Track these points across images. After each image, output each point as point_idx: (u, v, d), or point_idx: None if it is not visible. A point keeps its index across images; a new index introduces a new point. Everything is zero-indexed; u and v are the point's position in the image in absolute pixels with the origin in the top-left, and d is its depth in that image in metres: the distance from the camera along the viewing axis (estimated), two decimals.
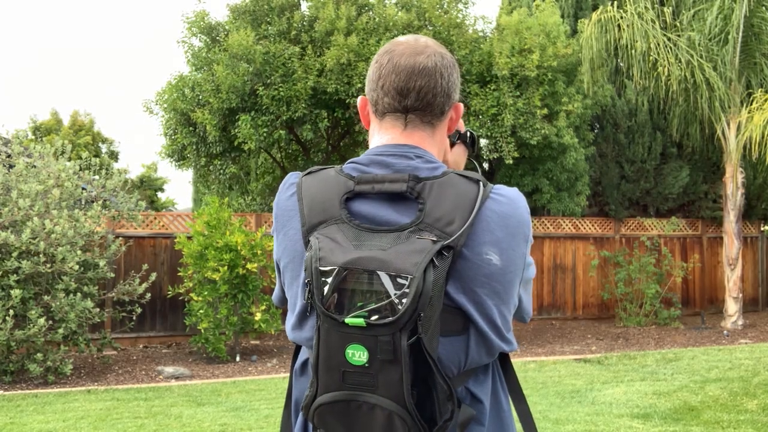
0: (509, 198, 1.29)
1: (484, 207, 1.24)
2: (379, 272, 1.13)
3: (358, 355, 1.14)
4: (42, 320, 7.44)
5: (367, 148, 1.40)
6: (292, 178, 1.37)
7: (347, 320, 1.13)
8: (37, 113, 42.83)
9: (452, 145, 1.53)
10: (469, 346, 1.24)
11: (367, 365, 1.14)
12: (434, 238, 1.18)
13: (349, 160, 1.35)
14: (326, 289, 1.15)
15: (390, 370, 1.13)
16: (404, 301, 1.10)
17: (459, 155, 1.53)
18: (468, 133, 1.54)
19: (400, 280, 1.12)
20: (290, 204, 1.33)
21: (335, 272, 1.14)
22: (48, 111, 39.02)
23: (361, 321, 1.12)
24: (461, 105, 1.42)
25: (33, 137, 24.45)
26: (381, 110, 1.37)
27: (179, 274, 9.45)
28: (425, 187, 1.24)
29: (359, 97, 1.44)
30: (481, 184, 1.26)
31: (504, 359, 1.38)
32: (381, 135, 1.37)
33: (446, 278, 1.18)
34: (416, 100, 1.33)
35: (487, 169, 12.70)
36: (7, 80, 59.27)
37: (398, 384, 1.13)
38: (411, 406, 1.14)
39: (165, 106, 11.18)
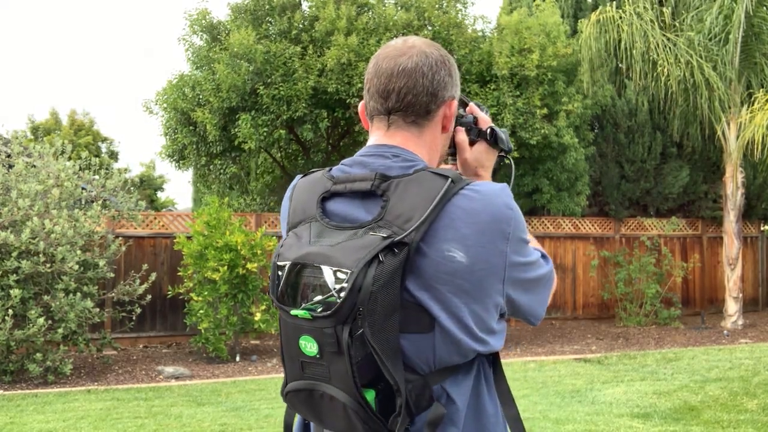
0: (483, 194, 1.25)
1: (450, 203, 1.23)
2: (322, 267, 1.17)
3: (309, 346, 1.19)
4: (42, 320, 7.44)
5: None
6: (295, 180, 1.43)
7: (293, 312, 1.19)
8: (35, 113, 42.77)
9: (472, 143, 1.51)
10: (436, 344, 1.24)
11: (318, 356, 1.19)
12: (384, 235, 1.18)
13: (341, 162, 1.39)
14: (281, 282, 1.22)
15: (338, 362, 1.17)
16: (342, 295, 1.14)
17: (481, 153, 1.51)
18: (489, 130, 1.51)
19: (340, 275, 1.15)
20: (286, 205, 1.41)
21: (287, 267, 1.22)
22: (47, 111, 39.05)
23: (305, 313, 1.17)
24: (455, 102, 1.40)
25: (32, 137, 24.44)
26: (369, 113, 1.40)
27: (179, 274, 9.44)
28: (391, 185, 1.25)
29: (360, 102, 1.46)
30: (449, 180, 1.24)
31: (494, 360, 1.34)
32: (371, 137, 1.41)
33: (403, 275, 1.19)
34: (397, 101, 1.34)
35: None
36: (5, 79, 59.28)
37: (347, 376, 1.17)
38: (363, 399, 1.17)
39: (165, 105, 11.18)
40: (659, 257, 12.93)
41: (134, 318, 9.17)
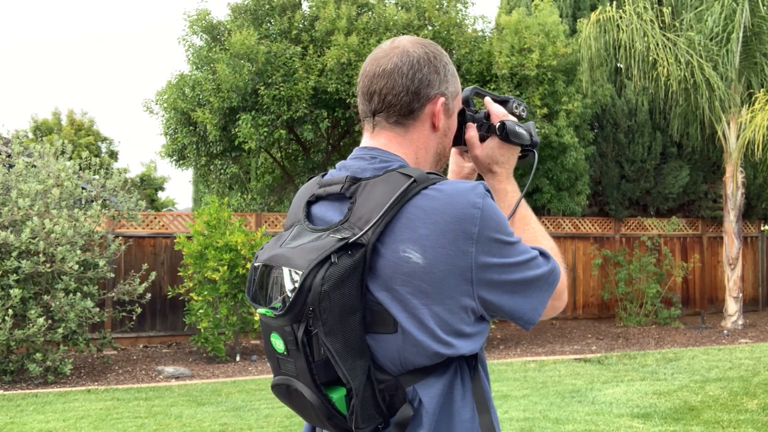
0: (446, 193, 1.23)
1: (409, 203, 1.22)
2: (283, 268, 1.21)
3: (278, 343, 1.24)
4: (41, 320, 7.44)
5: None
6: None
7: (260, 310, 1.24)
8: (38, 113, 42.79)
9: (482, 139, 1.47)
10: (399, 345, 1.23)
11: (285, 353, 1.23)
12: (342, 236, 1.21)
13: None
14: (255, 282, 1.28)
15: (300, 359, 1.20)
16: (292, 294, 1.17)
17: (493, 149, 1.47)
18: (499, 124, 1.45)
19: (294, 276, 1.18)
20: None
21: (259, 268, 1.27)
22: (49, 110, 39.05)
23: (268, 311, 1.22)
24: (441, 98, 1.37)
25: (33, 137, 24.43)
26: (360, 116, 1.42)
27: (179, 274, 9.45)
28: (359, 187, 1.27)
29: None
30: (411, 180, 1.23)
31: (472, 364, 1.30)
32: (362, 138, 1.43)
33: (362, 275, 1.20)
34: (378, 103, 1.35)
35: None
36: (6, 78, 59.25)
37: (307, 373, 1.21)
38: (324, 397, 1.21)
39: (165, 105, 11.17)
40: (659, 257, 12.92)
41: (134, 318, 9.17)
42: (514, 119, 1.50)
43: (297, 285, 1.16)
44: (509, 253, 1.26)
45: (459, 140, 1.48)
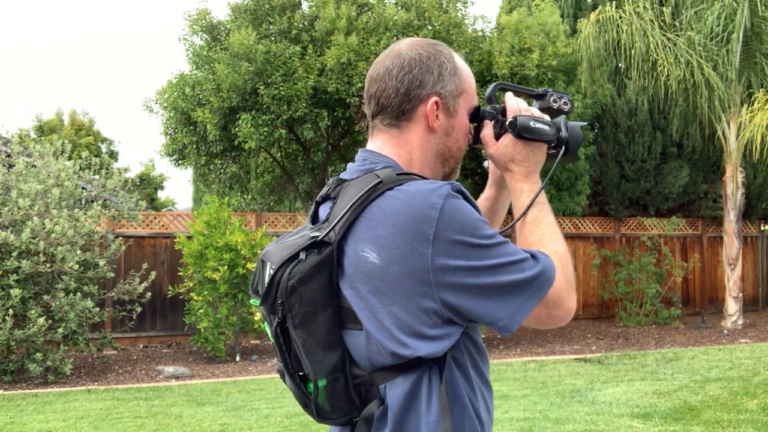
0: (407, 194, 1.23)
1: (372, 204, 1.25)
2: (266, 262, 1.30)
3: (268, 331, 1.32)
4: (42, 320, 7.44)
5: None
6: None
7: (251, 301, 1.36)
8: (42, 112, 42.74)
9: (498, 136, 1.42)
10: (365, 342, 1.26)
11: (274, 341, 1.31)
12: (314, 234, 1.27)
13: None
14: (256, 275, 1.35)
15: (278, 348, 1.30)
16: (266, 288, 1.26)
17: (507, 147, 1.41)
18: (511, 120, 1.39)
19: (270, 270, 1.26)
20: None
21: (259, 261, 1.35)
22: (51, 110, 39.05)
23: (255, 302, 1.32)
24: (434, 98, 1.36)
25: (36, 136, 24.43)
26: (368, 119, 1.46)
27: (179, 273, 9.45)
28: (342, 189, 1.32)
29: None
30: (377, 181, 1.26)
31: (443, 366, 1.26)
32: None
33: (332, 272, 1.25)
34: (375, 106, 1.39)
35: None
36: (6, 78, 59.27)
37: (282, 362, 1.30)
38: (300, 384, 1.30)
39: (165, 105, 11.17)
40: (659, 257, 12.92)
41: (134, 318, 9.17)
42: (535, 114, 1.42)
43: (269, 279, 1.24)
44: (478, 256, 1.21)
45: (477, 139, 1.45)
